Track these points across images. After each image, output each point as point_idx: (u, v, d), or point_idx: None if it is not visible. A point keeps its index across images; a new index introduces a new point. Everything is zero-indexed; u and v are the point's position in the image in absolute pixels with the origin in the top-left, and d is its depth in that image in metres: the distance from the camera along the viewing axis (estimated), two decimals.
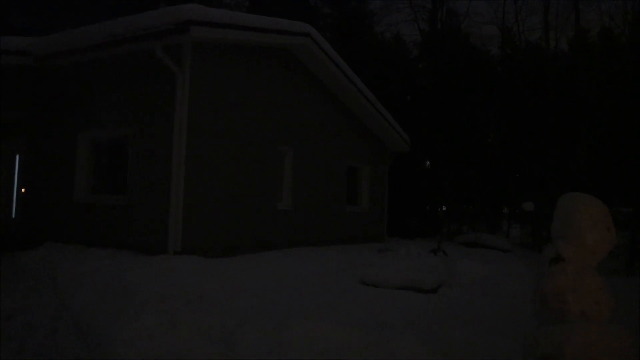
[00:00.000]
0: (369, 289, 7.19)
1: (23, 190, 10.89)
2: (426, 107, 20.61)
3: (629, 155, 16.13)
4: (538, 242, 17.26)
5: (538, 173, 17.53)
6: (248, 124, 10.03)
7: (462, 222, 20.52)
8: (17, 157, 11.35)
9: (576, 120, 18.02)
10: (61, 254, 8.36)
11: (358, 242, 13.72)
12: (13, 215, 11.17)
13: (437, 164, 20.87)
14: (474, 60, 22.01)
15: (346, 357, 4.53)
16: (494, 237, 15.76)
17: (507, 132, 20.67)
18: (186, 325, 5.01)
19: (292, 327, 4.86)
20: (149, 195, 8.69)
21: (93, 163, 10.04)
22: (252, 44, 9.95)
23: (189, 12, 8.02)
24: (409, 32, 29.75)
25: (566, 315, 3.57)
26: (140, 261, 7.50)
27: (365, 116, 14.31)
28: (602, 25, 26.44)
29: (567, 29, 22.95)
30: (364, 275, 7.67)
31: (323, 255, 10.30)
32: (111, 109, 9.39)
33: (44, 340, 5.25)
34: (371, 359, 4.51)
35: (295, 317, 5.11)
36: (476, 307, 6.61)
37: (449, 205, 20.76)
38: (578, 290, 3.70)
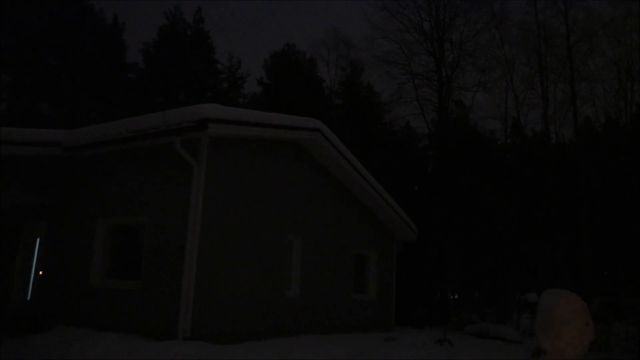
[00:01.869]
0: None
1: (40, 273, 11.25)
2: (434, 195, 21.09)
3: (634, 244, 16.27)
4: None
5: (543, 263, 17.61)
6: (259, 213, 10.49)
7: (472, 311, 20.34)
8: (38, 240, 11.81)
9: (580, 208, 18.34)
10: (72, 338, 8.57)
11: (365, 330, 13.71)
12: (28, 298, 11.45)
13: (446, 252, 21.04)
14: (483, 148, 22.71)
15: None
16: (503, 328, 15.60)
17: (516, 221, 20.96)
18: None
19: None
20: (161, 281, 9.00)
21: (109, 249, 10.44)
22: (265, 138, 10.63)
23: (208, 111, 8.72)
24: (417, 125, 31.12)
25: None
26: (150, 346, 7.70)
27: (372, 205, 14.77)
28: (607, 116, 27.44)
29: (565, 124, 23.83)
30: None
31: (330, 344, 10.35)
32: (130, 198, 9.92)
33: None
34: None
35: None
36: None
37: (457, 293, 20.70)
38: None
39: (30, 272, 11.76)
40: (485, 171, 21.07)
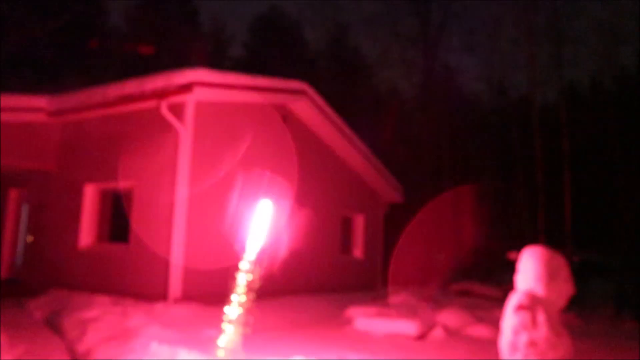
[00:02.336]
0: (362, 335, 7.66)
1: (29, 238, 11.34)
2: (421, 157, 21.30)
3: (615, 204, 16.69)
4: None
5: (525, 223, 18.04)
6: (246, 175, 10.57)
7: (457, 269, 20.82)
8: (25, 206, 11.86)
9: (561, 169, 18.70)
10: (66, 301, 8.73)
11: (353, 289, 14.03)
12: (19, 263, 11.57)
13: (432, 212, 21.37)
14: (469, 111, 22.88)
15: None
16: (484, 286, 16.09)
17: (499, 182, 21.32)
18: None
19: None
20: (151, 244, 9.14)
21: (98, 213, 10.53)
22: (251, 101, 10.64)
23: (193, 75, 8.71)
24: (403, 87, 31.14)
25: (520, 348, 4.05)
26: (142, 308, 7.90)
27: (359, 168, 14.91)
28: (592, 79, 27.62)
29: (551, 86, 23.98)
30: (359, 322, 8.21)
31: (318, 302, 10.68)
32: (117, 162, 9.96)
33: None
34: None
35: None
36: (458, 348, 7.07)
37: (443, 253, 21.14)
38: (535, 333, 4.16)
39: (18, 238, 11.85)
40: (470, 134, 21.29)
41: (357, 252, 15.49)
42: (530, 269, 4.49)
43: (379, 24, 28.88)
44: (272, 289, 11.04)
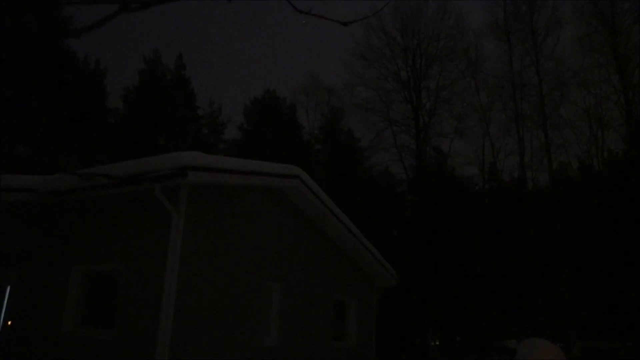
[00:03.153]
0: None
1: (9, 322, 10.91)
2: (414, 240, 21.19)
3: (617, 290, 16.45)
4: None
5: (522, 308, 17.69)
6: (238, 260, 10.41)
7: (452, 356, 20.18)
8: (8, 288, 11.51)
9: (557, 251, 18.59)
10: None
11: None
12: None
13: (425, 297, 20.98)
14: (461, 194, 23.07)
15: None
16: None
17: (494, 265, 21.10)
18: None
19: None
20: (136, 330, 8.81)
21: (83, 297, 10.22)
22: (245, 185, 10.67)
23: (187, 159, 8.76)
24: (396, 171, 31.64)
25: None
26: None
27: (352, 251, 14.77)
28: (580, 162, 28.16)
29: (541, 169, 24.43)
30: None
31: None
32: (105, 245, 9.80)
33: None
34: None
35: None
36: None
37: (438, 338, 20.56)
38: None
39: (1, 322, 11.41)
40: (463, 216, 21.34)
41: (351, 338, 15.00)
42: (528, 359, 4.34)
43: (372, 110, 29.67)
44: None
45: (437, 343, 21.23)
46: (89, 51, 41.82)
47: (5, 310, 11.30)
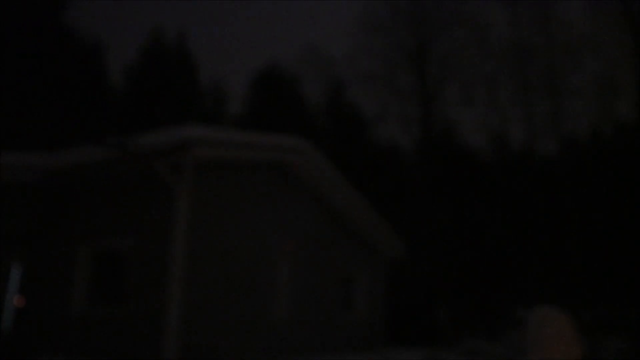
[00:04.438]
0: None
1: (17, 301, 10.89)
2: (421, 212, 21.06)
3: (628, 259, 16.31)
4: None
5: (532, 277, 17.61)
6: (245, 235, 10.30)
7: (463, 327, 20.19)
8: (15, 269, 11.46)
9: (567, 220, 18.43)
10: None
11: (355, 350, 13.48)
12: (8, 329, 11.08)
13: (435, 268, 20.94)
14: (468, 164, 22.83)
15: None
16: (493, 345, 15.49)
17: (503, 235, 20.98)
18: None
19: None
20: (146, 307, 8.75)
21: (92, 275, 10.16)
22: (250, 158, 10.48)
23: (190, 132, 8.56)
24: (402, 142, 31.33)
25: None
26: None
27: (360, 224, 14.64)
28: (592, 130, 27.78)
29: (550, 138, 24.07)
30: None
31: None
32: (112, 222, 9.69)
33: None
34: None
35: None
36: None
37: (448, 310, 20.57)
38: None
39: (9, 303, 11.40)
40: (471, 187, 21.15)
41: (360, 310, 14.99)
42: (538, 330, 4.19)
43: (377, 80, 29.21)
44: (275, 350, 10.59)
45: (447, 313, 21.25)
46: (89, 29, 41.36)
47: (14, 290, 11.28)
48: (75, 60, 25.09)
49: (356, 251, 14.94)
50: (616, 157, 19.84)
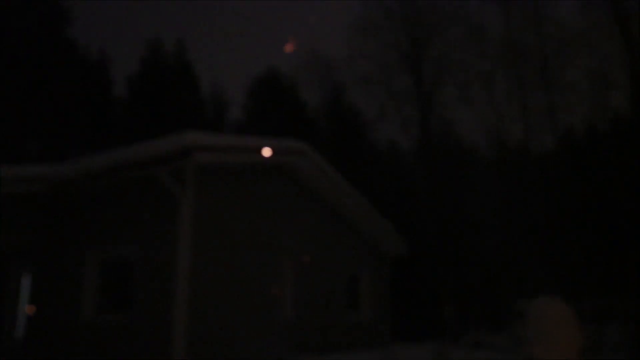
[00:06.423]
0: None
1: (29, 310, 11.12)
2: (422, 211, 21.26)
3: (625, 249, 16.49)
4: None
5: (533, 269, 17.80)
6: (249, 239, 10.54)
7: (467, 321, 20.37)
8: (24, 278, 11.71)
9: (566, 213, 18.62)
10: None
11: (360, 347, 13.68)
12: (19, 337, 11.31)
13: (438, 264, 21.13)
14: (467, 162, 23.04)
15: None
16: (498, 338, 15.68)
17: (503, 230, 21.16)
18: None
19: None
20: (152, 313, 8.98)
21: (100, 283, 10.39)
22: (251, 163, 10.74)
23: (191, 139, 8.81)
24: (401, 142, 31.60)
25: None
26: None
27: (362, 224, 14.88)
28: (587, 124, 27.95)
29: (547, 134, 24.26)
30: None
31: None
32: (118, 230, 9.92)
33: None
34: None
35: None
36: None
37: (452, 304, 20.74)
38: None
39: (20, 312, 11.64)
40: (470, 184, 21.35)
41: (365, 309, 15.20)
42: (539, 320, 4.41)
43: (374, 83, 29.45)
44: (281, 351, 10.80)
45: (451, 308, 21.41)
46: (91, 41, 41.72)
47: (24, 299, 11.51)
48: (80, 73, 25.40)
49: (360, 251, 15.16)
50: (611, 149, 20.03)
